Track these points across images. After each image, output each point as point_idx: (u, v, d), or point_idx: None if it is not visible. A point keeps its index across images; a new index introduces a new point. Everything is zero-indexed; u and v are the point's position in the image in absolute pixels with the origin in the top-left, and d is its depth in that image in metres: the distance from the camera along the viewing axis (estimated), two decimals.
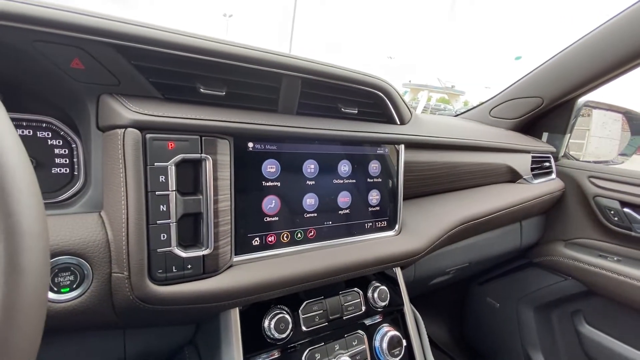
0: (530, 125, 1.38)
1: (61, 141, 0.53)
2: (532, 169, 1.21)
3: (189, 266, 0.47)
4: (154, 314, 0.46)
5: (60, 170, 0.52)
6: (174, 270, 0.46)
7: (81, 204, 0.48)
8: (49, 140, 0.52)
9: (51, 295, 0.41)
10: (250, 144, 0.54)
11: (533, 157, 1.21)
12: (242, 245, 0.54)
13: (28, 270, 0.23)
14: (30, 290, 0.23)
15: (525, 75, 1.31)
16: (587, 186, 1.25)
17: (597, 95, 1.33)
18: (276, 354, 0.57)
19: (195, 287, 0.47)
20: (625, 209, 1.15)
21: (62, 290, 0.41)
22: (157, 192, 0.45)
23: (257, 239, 0.56)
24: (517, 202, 1.04)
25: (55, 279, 0.41)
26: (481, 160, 0.99)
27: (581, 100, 1.29)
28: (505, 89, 1.38)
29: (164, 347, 0.60)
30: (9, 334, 0.22)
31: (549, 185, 1.23)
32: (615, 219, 1.18)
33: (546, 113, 1.33)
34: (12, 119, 0.50)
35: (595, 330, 1.23)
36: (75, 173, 0.53)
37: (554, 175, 1.30)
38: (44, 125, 0.52)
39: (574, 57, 1.15)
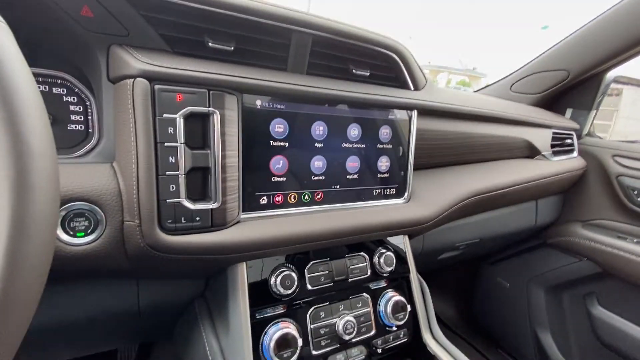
0: (553, 101, 1.31)
1: (76, 98, 0.54)
2: (553, 146, 1.16)
3: (198, 218, 0.49)
4: (164, 262, 0.48)
5: (75, 127, 0.53)
6: (183, 221, 0.48)
7: (94, 154, 0.49)
8: (64, 97, 0.53)
9: (67, 238, 0.43)
10: (259, 102, 0.53)
11: (554, 133, 1.16)
12: (249, 203, 0.55)
13: (38, 187, 0.24)
14: (41, 208, 0.24)
15: (550, 48, 1.24)
16: (610, 165, 1.20)
17: (629, 70, 1.25)
18: (281, 309, 0.58)
19: (203, 238, 0.49)
20: None
21: (77, 234, 0.43)
22: (165, 144, 0.45)
23: (265, 197, 0.56)
24: (533, 178, 1.01)
25: (71, 224, 0.43)
26: (498, 132, 0.95)
27: (610, 74, 1.22)
28: (528, 63, 1.32)
29: (176, 299, 0.62)
30: (21, 246, 0.23)
31: (569, 163, 1.18)
32: (639, 199, 1.13)
33: (571, 88, 1.26)
34: None
35: (608, 312, 1.21)
36: (90, 130, 0.54)
37: (575, 154, 1.24)
38: (59, 81, 0.53)
39: (605, 26, 1.08)
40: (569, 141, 1.22)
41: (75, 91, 0.54)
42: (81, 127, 0.54)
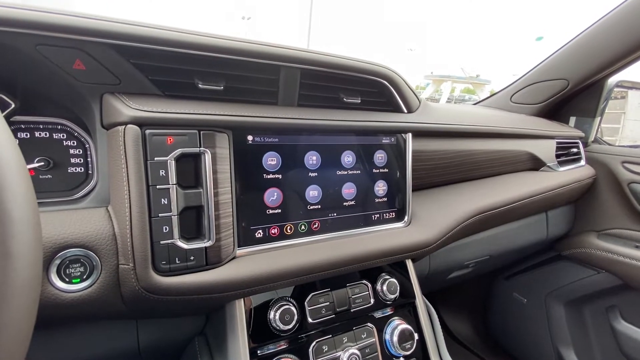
0: (555, 109, 1.30)
1: (75, 142, 0.55)
2: (558, 156, 1.14)
3: (192, 258, 0.49)
4: (160, 304, 0.48)
5: (75, 169, 0.55)
6: (177, 262, 0.48)
7: (90, 199, 0.50)
8: (64, 142, 0.55)
9: (63, 285, 0.43)
10: (250, 137, 0.54)
11: (558, 142, 1.14)
12: (245, 238, 0.54)
13: (18, 255, 0.24)
14: (21, 274, 0.24)
15: (549, 57, 1.24)
16: (620, 172, 1.16)
17: (630, 75, 1.23)
18: (283, 345, 0.57)
19: (198, 278, 0.48)
20: None
21: (73, 280, 0.44)
22: (157, 186, 0.46)
23: (260, 231, 0.56)
24: (540, 191, 0.98)
25: (67, 270, 0.43)
26: (498, 147, 0.94)
27: (612, 80, 1.20)
28: (527, 73, 1.31)
29: (176, 337, 0.62)
30: (0, 315, 0.23)
31: (577, 172, 1.15)
32: None
33: (573, 96, 1.25)
34: (30, 122, 0.53)
35: (632, 326, 1.15)
36: (90, 172, 0.55)
37: (583, 162, 1.21)
38: (59, 127, 0.55)
39: (602, 33, 1.07)
40: (574, 150, 1.20)
41: (74, 135, 0.55)
42: (81, 169, 0.55)
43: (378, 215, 0.68)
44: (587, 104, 1.26)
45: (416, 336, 0.67)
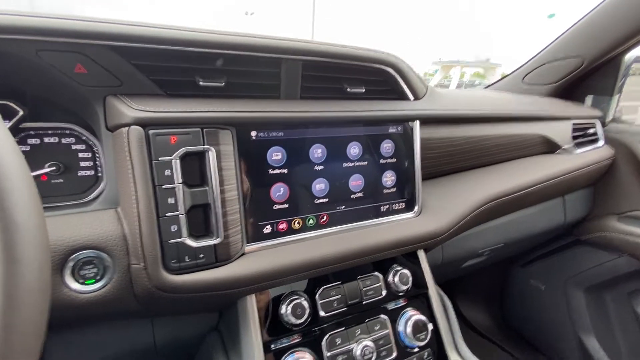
0: (571, 89, 1.25)
1: (84, 145, 0.56)
2: (575, 137, 1.09)
3: (201, 255, 0.49)
4: (173, 302, 0.48)
5: (85, 172, 0.56)
6: (186, 260, 0.48)
7: (100, 201, 0.51)
8: (72, 146, 0.55)
9: (77, 286, 0.44)
10: (254, 133, 0.54)
11: (574, 124, 1.10)
12: (253, 234, 0.54)
13: (25, 260, 0.25)
14: (29, 279, 0.25)
15: (562, 34, 1.18)
16: None
17: None
18: (297, 339, 0.57)
19: (208, 275, 0.49)
20: None
21: (87, 282, 0.45)
22: (164, 186, 0.46)
23: (268, 226, 0.56)
24: (555, 174, 0.95)
25: (80, 272, 0.44)
26: (510, 132, 0.91)
27: (629, 55, 1.14)
28: (539, 52, 1.26)
29: (191, 333, 0.63)
30: (12, 320, 0.23)
31: (595, 154, 1.11)
32: None
33: (588, 74, 1.20)
34: (39, 128, 0.54)
35: None
36: (100, 174, 0.56)
37: (601, 143, 1.17)
38: (67, 132, 0.55)
39: (618, 7, 1.02)
40: (592, 130, 1.15)
41: (82, 139, 0.56)
42: (91, 172, 0.56)
43: (387, 206, 0.67)
44: (604, 82, 1.21)
45: (430, 326, 0.66)
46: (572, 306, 1.31)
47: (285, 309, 0.56)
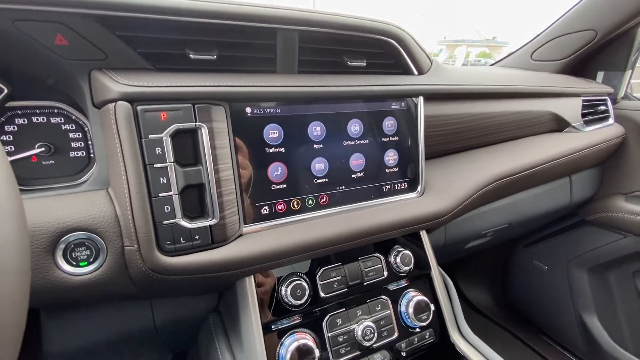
0: (581, 65, 1.19)
1: (74, 125, 0.54)
2: (584, 115, 1.06)
3: (197, 237, 0.47)
4: (169, 283, 0.47)
5: (77, 154, 0.54)
6: (181, 242, 0.47)
7: (90, 181, 0.49)
8: (62, 125, 0.53)
9: (70, 269, 0.43)
10: (248, 109, 0.51)
11: (585, 100, 1.06)
12: (250, 215, 0.53)
13: (2, 245, 0.23)
14: (7, 263, 0.23)
15: (574, 7, 1.12)
16: None
17: None
18: (297, 319, 0.56)
19: (204, 257, 0.47)
20: None
21: (80, 264, 0.43)
22: (155, 165, 0.44)
23: (266, 207, 0.54)
24: (563, 153, 0.92)
25: (73, 254, 0.43)
26: (518, 108, 0.88)
27: None
28: (548, 26, 1.20)
29: (191, 315, 0.62)
30: None
31: (605, 132, 1.08)
32: None
33: (601, 48, 1.14)
34: (26, 107, 0.52)
35: None
36: (92, 155, 0.54)
37: (611, 120, 1.13)
38: (55, 111, 0.53)
39: None
40: (602, 108, 1.11)
41: (72, 118, 0.54)
42: (83, 153, 0.54)
43: (389, 187, 0.65)
44: (617, 57, 1.15)
45: (432, 307, 0.65)
46: (574, 286, 1.31)
47: (284, 290, 0.55)
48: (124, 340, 0.60)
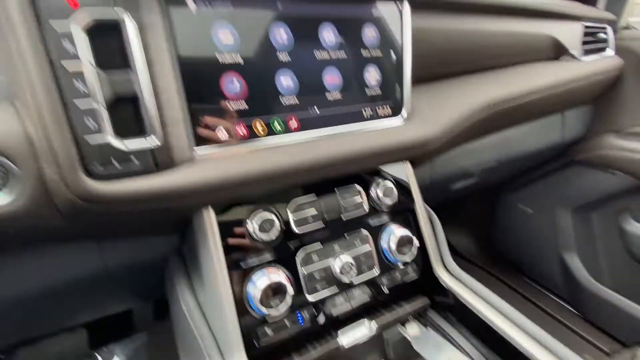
0: None
1: None
2: (584, 43, 0.97)
3: (135, 160, 0.39)
4: (107, 217, 0.40)
5: None
6: (116, 165, 0.38)
7: None
8: None
9: None
10: (190, 1, 0.40)
11: (586, 26, 0.97)
12: (205, 137, 0.44)
13: None
14: None
15: None
16: None
17: None
18: (267, 256, 0.51)
19: (144, 183, 0.40)
20: None
21: None
22: (63, 62, 0.34)
23: (223, 129, 0.45)
24: (560, 82, 0.85)
25: None
26: (516, 29, 0.78)
27: None
28: None
29: (149, 258, 0.56)
30: None
31: (603, 63, 1.00)
32: None
33: None
34: None
35: None
36: None
37: (610, 51, 1.05)
38: None
39: None
40: (602, 35, 1.02)
41: None
42: None
43: (370, 111, 0.57)
44: None
45: (416, 242, 0.60)
46: (558, 227, 1.31)
47: (251, 225, 0.48)
48: (76, 288, 0.54)
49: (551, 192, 1.32)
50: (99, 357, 1.16)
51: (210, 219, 0.46)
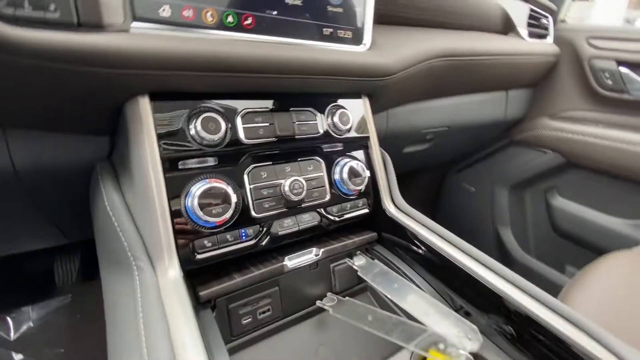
0: None
1: None
2: (529, 25, 1.05)
3: (52, 7, 0.33)
4: (9, 72, 0.33)
5: None
6: (27, 7, 0.32)
7: None
8: None
9: None
10: None
11: (531, 10, 1.05)
12: (142, 10, 0.39)
13: None
14: None
15: None
16: (584, 48, 1.12)
17: None
18: (211, 162, 0.46)
19: (69, 37, 0.34)
20: (622, 68, 1.05)
21: None
22: None
23: (166, 7, 0.41)
24: (508, 51, 0.91)
25: None
26: None
27: None
28: None
29: (63, 161, 0.48)
30: None
31: (543, 46, 1.10)
32: (609, 82, 1.08)
33: None
34: None
35: (567, 200, 1.23)
36: None
37: (550, 39, 1.15)
38: None
39: None
40: (544, 22, 1.12)
41: None
42: None
43: (331, 30, 0.55)
44: None
45: (367, 173, 0.60)
46: (495, 204, 1.42)
47: (194, 123, 0.44)
48: None
49: (492, 172, 1.42)
50: (9, 320, 1.01)
51: (145, 108, 0.41)
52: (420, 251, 0.57)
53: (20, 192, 0.49)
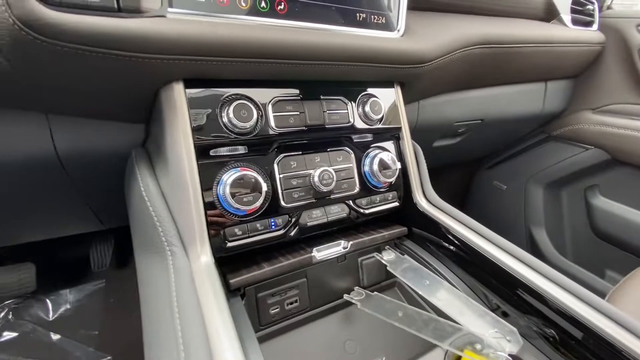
0: None
1: None
2: (573, 11, 0.98)
3: None
4: (54, 57, 0.34)
5: None
6: None
7: None
8: None
9: None
10: None
11: None
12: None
13: None
14: None
15: None
16: (633, 36, 1.03)
17: None
18: (242, 151, 0.46)
19: (109, 22, 0.34)
20: None
21: None
22: None
23: None
24: (549, 39, 0.85)
25: None
26: None
27: None
28: None
29: (102, 147, 0.49)
30: None
31: (588, 33, 1.02)
32: None
33: None
34: None
35: (610, 200, 1.15)
36: None
37: (595, 26, 1.07)
38: None
39: None
40: (590, 8, 1.04)
41: None
42: None
43: (364, 15, 0.54)
44: None
45: (398, 165, 0.58)
46: (529, 203, 1.35)
47: (226, 110, 0.44)
48: (23, 167, 0.47)
49: (526, 169, 1.35)
50: (48, 302, 1.07)
51: (179, 94, 0.41)
52: (453, 247, 0.54)
53: (61, 177, 0.51)
